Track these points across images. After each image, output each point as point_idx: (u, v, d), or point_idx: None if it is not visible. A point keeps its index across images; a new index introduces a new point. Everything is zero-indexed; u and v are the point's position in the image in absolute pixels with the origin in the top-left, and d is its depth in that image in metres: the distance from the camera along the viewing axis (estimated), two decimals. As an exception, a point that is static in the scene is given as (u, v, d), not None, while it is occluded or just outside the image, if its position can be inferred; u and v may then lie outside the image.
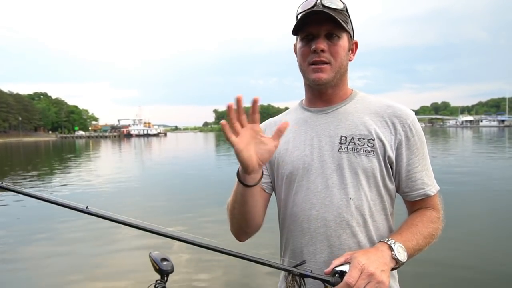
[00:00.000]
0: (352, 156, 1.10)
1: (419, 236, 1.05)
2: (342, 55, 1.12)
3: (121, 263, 5.09)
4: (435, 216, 1.12)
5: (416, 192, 1.12)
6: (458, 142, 33.10)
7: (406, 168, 1.11)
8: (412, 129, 1.11)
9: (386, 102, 1.16)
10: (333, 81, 1.13)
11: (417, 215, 1.12)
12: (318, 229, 1.11)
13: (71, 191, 11.51)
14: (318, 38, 1.09)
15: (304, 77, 1.17)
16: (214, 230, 6.32)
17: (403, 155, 1.11)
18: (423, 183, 1.12)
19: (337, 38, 1.10)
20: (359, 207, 1.09)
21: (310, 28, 1.10)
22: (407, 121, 1.11)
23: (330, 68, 1.11)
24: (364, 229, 1.10)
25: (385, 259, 0.95)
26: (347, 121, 1.14)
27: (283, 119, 1.29)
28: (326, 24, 1.08)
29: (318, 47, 1.08)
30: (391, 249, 0.97)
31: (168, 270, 1.49)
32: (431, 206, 1.14)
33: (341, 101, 1.18)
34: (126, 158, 27.73)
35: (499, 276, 4.34)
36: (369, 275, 0.89)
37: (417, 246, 1.04)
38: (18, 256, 5.51)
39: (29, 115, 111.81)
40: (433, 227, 1.09)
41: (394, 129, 1.11)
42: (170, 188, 11.77)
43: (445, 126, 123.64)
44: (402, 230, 1.07)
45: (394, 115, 1.12)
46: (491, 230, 6.13)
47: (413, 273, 4.03)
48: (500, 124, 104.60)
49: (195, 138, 74.68)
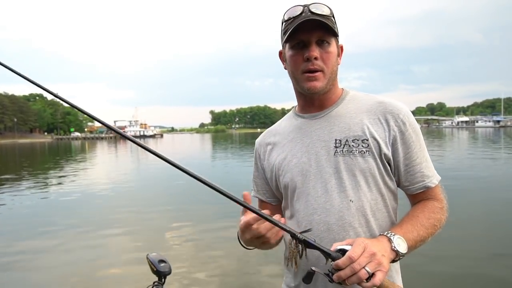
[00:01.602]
0: (348, 158, 1.11)
1: (420, 227, 1.05)
2: (333, 61, 1.12)
3: (118, 265, 5.07)
4: (437, 206, 1.12)
5: (416, 185, 1.13)
6: (456, 143, 33.24)
7: (404, 163, 1.12)
8: (405, 123, 1.11)
9: (377, 99, 1.16)
10: (327, 88, 1.14)
11: (418, 207, 1.12)
12: (322, 234, 1.11)
13: (66, 192, 11.46)
14: (310, 45, 1.09)
15: (298, 85, 1.17)
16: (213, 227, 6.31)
17: (400, 150, 1.11)
18: (422, 175, 1.12)
19: (327, 45, 1.10)
20: (360, 208, 1.10)
21: (301, 36, 1.09)
22: (399, 115, 1.11)
23: (323, 76, 1.11)
24: (367, 229, 1.10)
25: (386, 249, 0.96)
26: (340, 123, 1.15)
27: (278, 128, 1.31)
28: (317, 31, 1.08)
29: (312, 55, 1.08)
30: (390, 241, 0.98)
31: (166, 272, 1.49)
32: (433, 197, 1.14)
33: (333, 104, 1.19)
34: (122, 159, 27.66)
35: (498, 277, 4.36)
36: (371, 254, 0.90)
37: (418, 237, 1.04)
38: (13, 258, 5.47)
39: (25, 116, 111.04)
40: (435, 217, 1.10)
41: (387, 125, 1.11)
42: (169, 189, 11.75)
43: (441, 127, 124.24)
44: (403, 222, 1.08)
45: (386, 111, 1.12)
46: (491, 230, 6.18)
47: (416, 271, 4.04)
48: (495, 125, 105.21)
49: (192, 139, 74.61)
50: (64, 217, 8.10)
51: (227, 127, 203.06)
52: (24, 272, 4.97)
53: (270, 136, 1.32)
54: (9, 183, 13.85)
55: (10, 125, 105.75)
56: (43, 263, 5.26)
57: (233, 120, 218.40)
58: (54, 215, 8.43)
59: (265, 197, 1.34)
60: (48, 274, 4.88)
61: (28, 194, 11.23)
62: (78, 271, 4.89)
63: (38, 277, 4.81)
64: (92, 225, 7.25)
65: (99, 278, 4.67)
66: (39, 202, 10.24)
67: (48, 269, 5.03)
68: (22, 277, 4.83)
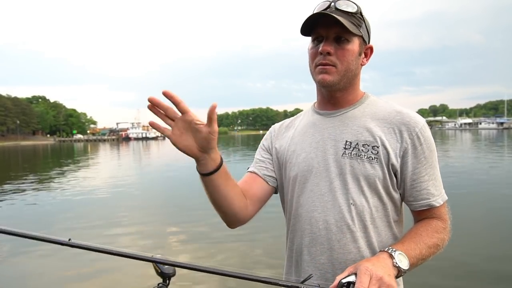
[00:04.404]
0: (355, 162, 1.10)
1: (422, 245, 1.03)
2: (350, 59, 1.10)
3: (123, 266, 5.08)
4: (441, 226, 1.10)
5: (420, 202, 1.10)
6: (459, 145, 33.14)
7: (411, 177, 1.09)
8: (420, 138, 1.08)
9: (396, 108, 1.14)
10: (340, 84, 1.13)
11: (421, 225, 1.10)
12: (320, 232, 1.12)
13: (67, 195, 11.48)
14: (326, 40, 1.09)
15: (313, 77, 1.17)
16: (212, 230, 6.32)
17: (409, 164, 1.08)
18: (428, 193, 1.09)
19: (346, 42, 1.09)
20: (360, 213, 1.09)
21: (319, 30, 1.10)
22: (415, 129, 1.08)
23: (335, 71, 1.10)
24: (364, 235, 1.09)
25: (388, 266, 0.94)
26: (353, 126, 1.14)
27: (296, 121, 1.33)
28: (335, 27, 1.07)
29: (324, 49, 1.09)
30: (391, 257, 0.96)
31: (170, 274, 1.48)
32: (438, 216, 1.11)
33: (350, 105, 1.18)
34: (125, 162, 27.69)
35: (498, 276, 4.34)
36: (378, 279, 0.87)
37: (420, 256, 1.02)
38: (13, 258, 5.48)
39: (27, 118, 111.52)
40: (438, 237, 1.07)
41: (400, 137, 1.09)
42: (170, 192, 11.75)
43: (444, 129, 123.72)
44: (405, 239, 1.06)
45: (402, 123, 1.10)
46: (491, 231, 6.16)
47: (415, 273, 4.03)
48: (499, 127, 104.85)
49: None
50: (67, 217, 8.12)
51: (229, 129, 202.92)
52: (24, 272, 4.98)
53: (287, 126, 1.34)
54: (12, 184, 13.88)
55: (13, 127, 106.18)
56: (44, 263, 5.27)
57: (235, 122, 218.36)
58: (56, 215, 8.45)
59: (262, 173, 1.28)
60: (49, 273, 4.89)
61: (30, 195, 11.25)
62: (81, 271, 4.90)
63: (38, 277, 4.82)
64: (96, 225, 7.27)
65: (103, 279, 4.68)
66: (42, 203, 10.24)
67: (50, 269, 5.04)
68: (22, 276, 4.84)
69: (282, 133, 1.32)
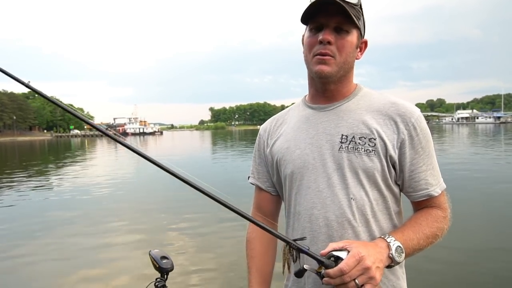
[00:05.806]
0: (352, 155, 1.07)
1: (421, 235, 1.04)
2: (349, 50, 1.08)
3: (121, 261, 5.09)
4: (440, 215, 1.10)
5: (419, 192, 1.09)
6: (456, 139, 33.21)
7: (410, 168, 1.08)
8: (416, 128, 1.07)
9: (390, 99, 1.12)
10: (336, 76, 1.10)
11: (421, 214, 1.10)
12: (320, 229, 1.10)
13: (67, 191, 11.46)
14: (326, 29, 1.06)
15: (308, 69, 1.14)
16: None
17: (407, 155, 1.07)
18: (427, 183, 1.09)
19: (345, 33, 1.07)
20: (361, 207, 1.08)
21: (320, 18, 1.06)
22: (411, 119, 1.07)
23: (334, 62, 1.07)
24: (366, 229, 1.08)
25: (382, 256, 0.95)
26: (348, 119, 1.11)
27: (286, 116, 1.30)
28: (337, 16, 1.04)
29: (325, 38, 1.05)
30: (388, 248, 0.97)
31: (168, 268, 1.49)
32: (437, 205, 1.11)
33: (344, 98, 1.15)
34: (122, 156, 27.61)
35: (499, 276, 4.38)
36: (364, 268, 0.89)
37: (417, 246, 1.03)
38: (13, 257, 5.48)
39: (24, 114, 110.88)
40: (437, 226, 1.07)
41: (397, 128, 1.07)
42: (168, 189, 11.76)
43: (441, 123, 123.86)
44: (405, 228, 1.06)
45: (397, 113, 1.08)
46: (490, 228, 6.19)
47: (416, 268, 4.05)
48: (496, 121, 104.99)
49: (192, 136, 74.51)
50: (65, 214, 8.11)
51: (226, 124, 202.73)
52: (26, 269, 4.98)
53: (277, 124, 1.30)
54: (9, 181, 13.85)
55: (9, 123, 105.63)
56: (44, 260, 5.27)
57: (233, 117, 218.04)
58: (55, 212, 8.43)
59: (265, 185, 1.31)
60: (50, 271, 4.90)
61: (28, 192, 11.23)
62: (81, 267, 4.91)
63: (39, 274, 4.83)
64: (94, 222, 7.27)
65: (101, 274, 4.69)
66: (40, 200, 10.24)
67: (51, 266, 5.05)
68: (21, 275, 4.84)
69: (275, 130, 1.28)
